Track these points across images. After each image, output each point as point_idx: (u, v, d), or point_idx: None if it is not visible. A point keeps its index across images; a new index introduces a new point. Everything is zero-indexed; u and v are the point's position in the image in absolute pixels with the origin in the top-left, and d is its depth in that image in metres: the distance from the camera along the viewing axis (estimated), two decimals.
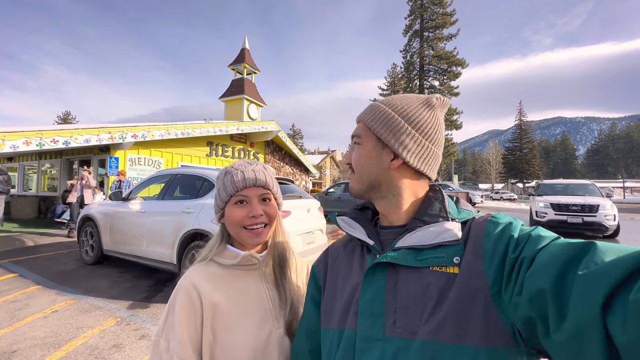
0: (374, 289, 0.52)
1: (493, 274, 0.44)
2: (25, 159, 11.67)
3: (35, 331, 2.61)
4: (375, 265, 0.53)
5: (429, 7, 27.53)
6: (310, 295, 0.68)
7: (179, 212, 3.60)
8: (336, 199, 11.18)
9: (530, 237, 0.44)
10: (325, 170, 37.64)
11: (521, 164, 53.87)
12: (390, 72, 40.24)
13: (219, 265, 0.73)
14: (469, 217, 0.56)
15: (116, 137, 7.75)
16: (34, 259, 5.00)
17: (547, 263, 0.38)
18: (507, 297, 0.42)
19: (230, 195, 0.73)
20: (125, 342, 2.47)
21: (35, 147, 6.32)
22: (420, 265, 0.50)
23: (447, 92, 26.54)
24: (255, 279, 0.75)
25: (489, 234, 0.49)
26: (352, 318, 0.53)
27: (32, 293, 3.51)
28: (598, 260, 0.34)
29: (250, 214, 0.72)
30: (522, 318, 0.39)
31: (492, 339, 0.42)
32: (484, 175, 68.51)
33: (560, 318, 0.34)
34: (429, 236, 0.52)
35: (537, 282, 0.37)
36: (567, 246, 0.38)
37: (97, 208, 4.83)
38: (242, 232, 0.73)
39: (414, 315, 0.47)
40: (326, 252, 0.71)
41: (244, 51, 13.29)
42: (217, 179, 0.78)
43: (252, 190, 0.73)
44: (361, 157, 0.60)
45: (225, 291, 0.70)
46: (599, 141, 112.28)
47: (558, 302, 0.35)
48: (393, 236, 0.57)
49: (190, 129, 9.87)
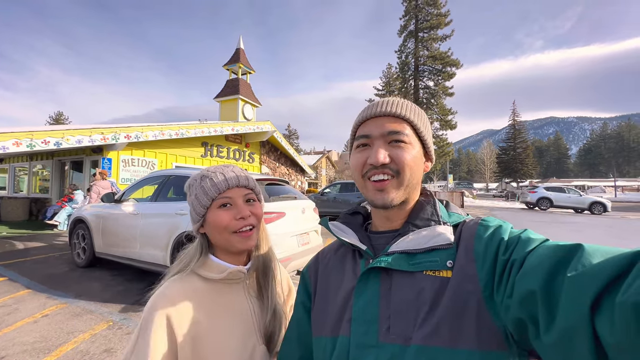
0: (368, 295, 0.52)
1: (485, 276, 0.45)
2: (16, 160, 11.47)
3: (25, 336, 2.56)
4: (368, 270, 0.53)
5: (423, 8, 27.66)
6: (300, 301, 0.67)
7: (173, 214, 3.56)
8: (332, 199, 11.18)
9: (520, 240, 0.44)
10: (321, 170, 37.65)
11: (515, 163, 54.36)
12: (386, 73, 40.37)
13: (201, 279, 0.67)
14: (460, 220, 0.56)
15: (109, 138, 7.64)
16: (24, 262, 4.91)
17: (537, 265, 0.38)
18: (498, 299, 0.42)
19: (212, 198, 0.67)
20: (116, 347, 2.43)
21: (26, 148, 6.20)
22: (414, 270, 0.50)
23: (442, 92, 26.69)
24: (238, 293, 0.71)
25: (479, 237, 0.49)
26: (346, 325, 0.52)
27: (21, 297, 3.44)
28: (586, 262, 0.34)
29: (237, 215, 0.68)
30: (513, 320, 0.39)
31: (485, 342, 0.42)
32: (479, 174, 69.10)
33: (550, 319, 0.34)
34: (422, 240, 0.51)
35: (527, 283, 0.37)
36: (556, 248, 0.38)
37: (89, 210, 4.76)
38: (232, 237, 0.68)
39: (408, 321, 0.47)
40: (316, 258, 0.69)
41: (239, 51, 13.22)
42: (190, 186, 0.71)
43: (235, 191, 0.69)
44: (413, 158, 0.55)
45: (209, 309, 0.64)
46: (590, 141, 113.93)
47: (547, 303, 0.35)
48: (385, 241, 0.57)
49: (184, 130, 9.78)
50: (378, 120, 0.56)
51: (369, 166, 0.55)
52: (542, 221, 11.92)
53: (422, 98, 27.72)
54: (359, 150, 0.58)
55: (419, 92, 27.82)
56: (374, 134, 0.56)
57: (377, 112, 0.56)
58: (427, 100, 27.51)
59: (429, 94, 27.57)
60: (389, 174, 0.54)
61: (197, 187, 0.69)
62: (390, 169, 0.54)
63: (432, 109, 26.96)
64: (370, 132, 0.56)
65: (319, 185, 35.15)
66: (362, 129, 0.58)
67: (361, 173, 0.56)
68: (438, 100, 26.82)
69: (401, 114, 0.55)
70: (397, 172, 0.54)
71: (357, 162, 0.57)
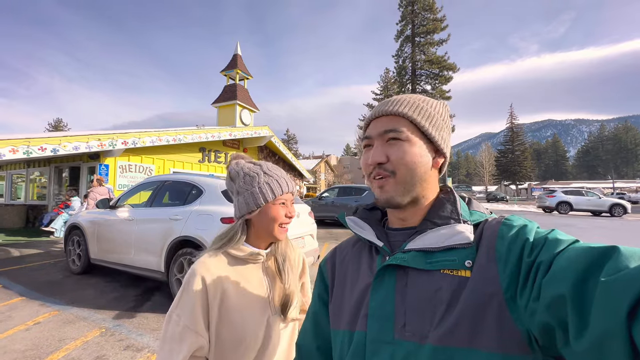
0: (384, 292, 0.51)
1: (507, 278, 0.43)
2: (13, 167, 11.47)
3: (16, 344, 2.54)
4: (384, 267, 0.52)
5: (419, 13, 27.98)
6: (317, 293, 0.68)
7: (167, 219, 3.55)
8: (330, 203, 11.17)
9: (547, 241, 0.42)
10: (319, 174, 37.65)
11: (513, 166, 54.56)
12: (383, 77, 40.63)
13: (229, 256, 0.85)
14: (482, 219, 0.54)
15: (106, 144, 7.65)
16: (19, 269, 4.88)
17: (567, 267, 0.36)
18: (522, 302, 0.40)
19: (277, 196, 0.86)
20: (109, 354, 2.41)
21: (23, 155, 6.20)
22: (431, 268, 0.49)
23: (439, 96, 26.84)
24: (257, 271, 0.88)
25: (502, 236, 0.47)
26: (362, 320, 0.52)
27: (14, 305, 3.41)
28: (622, 265, 0.32)
29: (288, 214, 0.88)
30: (540, 325, 0.37)
31: (506, 345, 0.40)
32: (478, 177, 69.12)
33: (582, 326, 0.32)
34: (440, 238, 0.50)
35: (555, 287, 0.36)
36: (588, 250, 0.36)
37: (84, 216, 4.75)
38: (277, 228, 0.86)
39: (424, 319, 0.46)
40: (334, 251, 0.70)
41: (236, 57, 13.32)
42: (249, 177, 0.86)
43: (289, 195, 0.90)
44: (409, 155, 0.53)
45: (234, 279, 0.82)
46: (588, 143, 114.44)
47: (579, 309, 0.33)
48: (403, 238, 0.56)
49: (182, 135, 9.80)
50: (378, 121, 0.57)
51: (370, 167, 0.55)
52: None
53: None
54: (364, 152, 0.59)
55: None
56: (373, 134, 0.56)
57: (377, 113, 0.57)
58: None
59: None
60: (385, 173, 0.54)
61: (261, 182, 0.85)
62: (384, 169, 0.53)
63: None
64: (370, 133, 0.57)
65: (317, 189, 35.13)
66: (366, 130, 0.59)
67: (367, 174, 0.57)
68: None
69: (396, 111, 0.55)
70: (393, 171, 0.53)
71: (363, 164, 0.58)
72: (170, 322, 0.74)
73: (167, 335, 0.74)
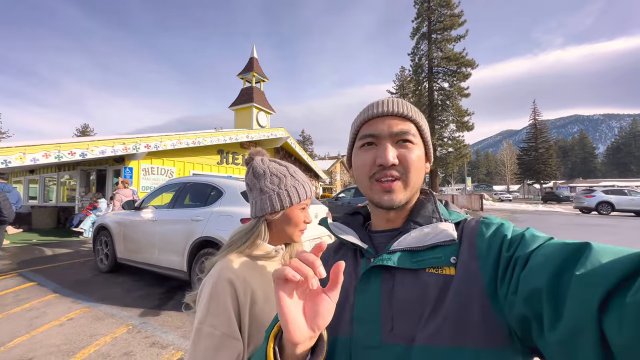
0: (370, 294, 0.51)
1: (488, 273, 0.44)
2: (45, 171, 12.14)
3: (51, 339, 2.68)
4: (370, 269, 0.52)
5: (436, 9, 27.39)
6: None
7: (189, 220, 3.65)
8: (346, 203, 11.13)
9: (524, 237, 0.44)
10: (335, 175, 37.60)
11: (537, 164, 52.35)
12: (399, 76, 40.11)
13: (249, 255, 0.84)
14: (461, 218, 0.56)
15: (130, 148, 7.97)
16: (52, 267, 5.16)
17: (543, 262, 0.38)
18: (502, 295, 0.42)
19: (301, 200, 0.88)
20: (136, 350, 2.50)
21: (54, 159, 6.56)
22: (417, 267, 0.49)
23: (458, 93, 26.16)
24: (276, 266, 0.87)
25: (482, 234, 0.49)
26: (346, 326, 0.51)
27: (49, 301, 3.61)
28: (595, 261, 0.33)
29: (307, 220, 0.90)
30: (517, 317, 0.39)
31: (491, 339, 0.41)
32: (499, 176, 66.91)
33: (556, 318, 0.34)
34: (424, 237, 0.51)
35: (532, 281, 0.37)
36: (563, 246, 0.38)
37: (111, 217, 4.96)
38: (296, 231, 0.88)
39: (412, 320, 0.46)
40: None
41: (253, 60, 13.53)
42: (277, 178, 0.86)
43: (308, 201, 0.92)
44: (419, 159, 0.56)
45: (259, 279, 0.81)
46: (619, 139, 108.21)
47: (554, 301, 0.34)
48: (386, 239, 0.56)
49: (201, 138, 10.06)
50: (385, 120, 0.55)
51: (377, 167, 0.54)
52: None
53: (437, 100, 27.26)
54: (364, 150, 0.56)
55: (433, 94, 27.38)
56: (382, 133, 0.54)
57: (383, 112, 0.56)
58: (442, 102, 27.02)
59: (444, 95, 27.04)
60: (396, 175, 0.53)
61: (289, 185, 0.86)
62: (397, 170, 0.53)
63: (447, 111, 26.44)
64: (377, 131, 0.55)
65: (333, 190, 35.09)
66: (366, 128, 0.57)
67: (368, 174, 0.55)
68: (453, 102, 26.24)
69: (407, 114, 0.55)
70: (404, 173, 0.53)
71: (363, 162, 0.56)
72: (202, 336, 0.67)
73: (199, 351, 0.66)
